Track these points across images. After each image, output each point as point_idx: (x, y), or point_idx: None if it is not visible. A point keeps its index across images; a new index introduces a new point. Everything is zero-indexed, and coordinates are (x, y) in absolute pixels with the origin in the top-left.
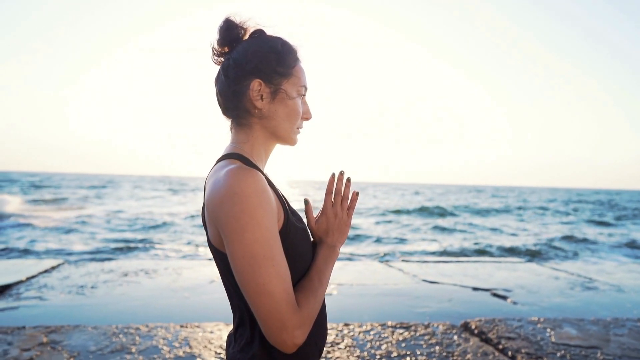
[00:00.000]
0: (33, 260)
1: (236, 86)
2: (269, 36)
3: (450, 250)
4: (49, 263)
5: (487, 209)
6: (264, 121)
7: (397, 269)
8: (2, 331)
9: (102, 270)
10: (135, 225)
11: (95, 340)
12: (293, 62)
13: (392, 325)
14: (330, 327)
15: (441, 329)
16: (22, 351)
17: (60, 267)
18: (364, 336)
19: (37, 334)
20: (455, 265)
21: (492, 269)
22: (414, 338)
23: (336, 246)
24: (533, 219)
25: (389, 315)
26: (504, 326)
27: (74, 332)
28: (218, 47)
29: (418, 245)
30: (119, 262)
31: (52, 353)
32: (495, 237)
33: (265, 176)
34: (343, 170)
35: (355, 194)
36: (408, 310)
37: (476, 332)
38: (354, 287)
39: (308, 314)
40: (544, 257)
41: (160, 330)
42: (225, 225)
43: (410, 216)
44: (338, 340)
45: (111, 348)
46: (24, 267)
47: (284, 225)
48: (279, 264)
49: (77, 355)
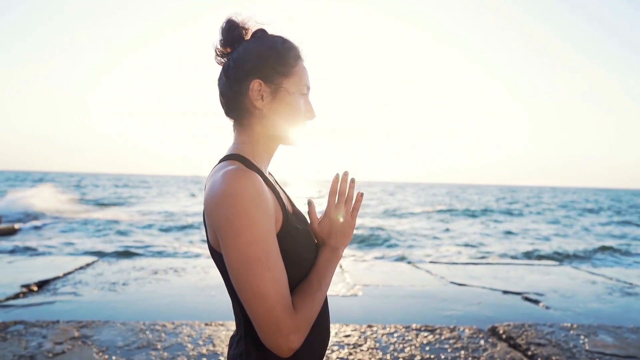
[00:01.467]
0: (70, 257)
1: (236, 86)
2: (270, 35)
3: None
4: (84, 260)
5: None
6: (265, 121)
7: (424, 270)
8: (38, 325)
9: (133, 267)
10: (167, 224)
11: (123, 336)
12: (294, 61)
13: (416, 328)
14: (353, 329)
15: (467, 333)
16: (55, 344)
17: (94, 264)
18: (387, 338)
19: (70, 328)
20: (484, 268)
21: (523, 271)
22: (439, 342)
23: (339, 248)
24: (581, 221)
25: (414, 318)
26: (534, 332)
27: (103, 328)
28: (220, 47)
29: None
30: (150, 260)
31: (83, 347)
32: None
33: (266, 177)
34: (347, 171)
35: (360, 195)
36: (434, 313)
37: (504, 337)
38: (380, 288)
39: (304, 318)
40: (586, 260)
41: (186, 327)
42: (221, 227)
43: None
44: (361, 341)
45: (138, 344)
46: (61, 263)
47: (282, 227)
48: (274, 266)
49: (105, 350)
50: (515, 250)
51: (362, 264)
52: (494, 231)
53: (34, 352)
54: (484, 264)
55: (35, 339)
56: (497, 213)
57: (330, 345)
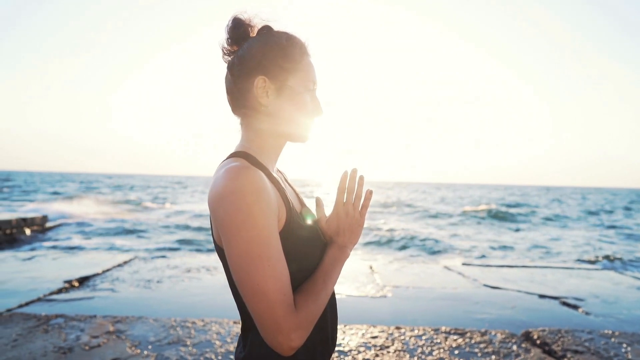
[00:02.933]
0: (109, 254)
1: (242, 84)
2: (275, 32)
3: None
4: (122, 258)
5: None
6: (270, 118)
7: (457, 272)
8: (76, 319)
9: (167, 266)
10: (200, 223)
11: (155, 332)
12: (299, 56)
13: (445, 331)
14: (381, 330)
15: (499, 338)
16: (92, 338)
17: (131, 261)
18: (415, 341)
19: (106, 322)
20: (520, 271)
21: (562, 275)
22: (469, 345)
23: (347, 247)
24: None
25: (444, 321)
26: (571, 338)
27: (137, 323)
28: (227, 46)
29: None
30: (183, 258)
31: (117, 341)
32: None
33: (271, 174)
34: (356, 168)
35: (369, 192)
36: (465, 316)
37: (538, 342)
38: (410, 290)
39: (306, 317)
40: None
41: (215, 325)
42: (222, 224)
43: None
44: (388, 343)
45: (168, 340)
46: (101, 260)
47: (285, 224)
48: (275, 263)
49: (137, 345)
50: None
51: (392, 265)
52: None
53: (71, 344)
54: (519, 266)
55: (73, 332)
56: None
57: (357, 346)
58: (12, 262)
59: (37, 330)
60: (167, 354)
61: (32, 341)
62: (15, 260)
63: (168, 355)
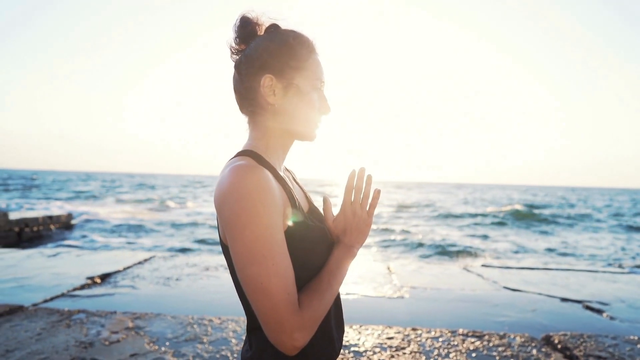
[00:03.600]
0: (130, 252)
1: (248, 82)
2: (282, 30)
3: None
4: (142, 255)
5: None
6: (278, 117)
7: (476, 274)
8: (98, 314)
9: (186, 264)
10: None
11: (173, 329)
12: (307, 55)
13: (463, 333)
14: (397, 331)
15: (518, 341)
16: (112, 333)
17: (151, 259)
18: (431, 342)
19: (125, 319)
20: (542, 273)
21: (586, 278)
22: (487, 348)
23: (354, 246)
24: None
25: (462, 323)
26: (594, 343)
27: (155, 320)
28: (235, 44)
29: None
30: (202, 256)
31: (135, 337)
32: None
33: (278, 173)
34: (364, 167)
35: (377, 191)
36: (483, 318)
37: (559, 347)
38: (428, 291)
39: (310, 316)
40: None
41: (231, 323)
42: (227, 222)
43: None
44: (404, 344)
45: (185, 337)
46: (122, 258)
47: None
48: (279, 262)
49: (155, 341)
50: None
51: (410, 266)
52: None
53: (92, 339)
54: (541, 268)
55: (94, 327)
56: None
57: (372, 346)
58: (38, 259)
59: (60, 324)
60: (184, 350)
61: (55, 335)
62: (41, 257)
63: (185, 352)
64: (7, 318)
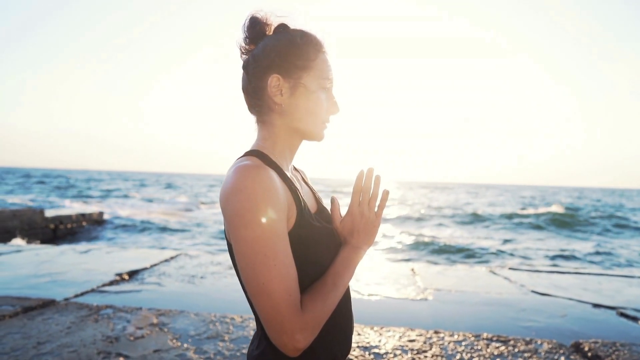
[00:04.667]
0: (157, 250)
1: (256, 82)
2: (290, 30)
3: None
4: (169, 253)
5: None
6: (285, 117)
7: (503, 277)
8: (124, 310)
9: (211, 262)
10: None
11: (195, 326)
12: (314, 54)
13: (487, 338)
14: (419, 334)
15: (545, 347)
16: (137, 329)
17: (177, 257)
18: (454, 346)
19: (150, 315)
20: (573, 277)
21: (621, 284)
22: (512, 354)
23: (361, 248)
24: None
25: (487, 327)
26: (627, 352)
27: (179, 317)
28: (245, 45)
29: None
30: (227, 255)
31: (159, 333)
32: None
33: (284, 173)
34: (372, 167)
35: (386, 192)
36: (510, 323)
37: (590, 355)
38: (452, 294)
39: (312, 318)
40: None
41: (252, 322)
42: (230, 222)
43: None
44: (425, 347)
45: (207, 334)
46: (149, 255)
47: (295, 224)
48: (281, 263)
49: (178, 338)
50: None
51: (435, 268)
52: None
53: (118, 334)
54: (572, 272)
55: (120, 323)
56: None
57: (393, 349)
58: (71, 255)
59: (89, 319)
60: (206, 348)
61: (84, 329)
62: (74, 253)
63: (206, 349)
64: (40, 311)
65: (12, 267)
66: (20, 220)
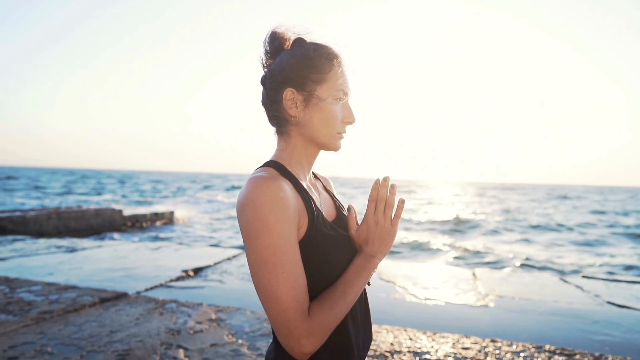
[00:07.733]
0: (220, 248)
1: (273, 96)
2: (306, 43)
3: None
4: (230, 252)
5: None
6: (300, 128)
7: (574, 285)
8: (186, 305)
9: None
10: None
11: (250, 323)
12: (328, 67)
13: (550, 350)
14: (474, 342)
15: None
16: (196, 323)
17: (239, 256)
18: (511, 357)
19: (209, 310)
20: None
21: None
22: None
23: (375, 257)
24: None
25: (551, 339)
26: None
27: (235, 314)
28: (265, 59)
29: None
30: None
31: (217, 328)
32: None
33: (300, 183)
34: (387, 176)
35: (401, 201)
36: (579, 335)
37: None
38: (516, 301)
39: (320, 324)
40: None
41: None
42: (243, 231)
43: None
44: (480, 356)
45: (261, 332)
46: (213, 254)
47: (307, 233)
48: (289, 270)
49: (234, 334)
50: None
51: (498, 273)
52: None
53: (180, 327)
54: None
55: (182, 317)
56: None
57: (444, 355)
58: (143, 251)
59: (155, 312)
60: (259, 344)
61: (150, 321)
62: (146, 249)
63: (259, 346)
64: (114, 303)
65: (94, 261)
66: (102, 218)
